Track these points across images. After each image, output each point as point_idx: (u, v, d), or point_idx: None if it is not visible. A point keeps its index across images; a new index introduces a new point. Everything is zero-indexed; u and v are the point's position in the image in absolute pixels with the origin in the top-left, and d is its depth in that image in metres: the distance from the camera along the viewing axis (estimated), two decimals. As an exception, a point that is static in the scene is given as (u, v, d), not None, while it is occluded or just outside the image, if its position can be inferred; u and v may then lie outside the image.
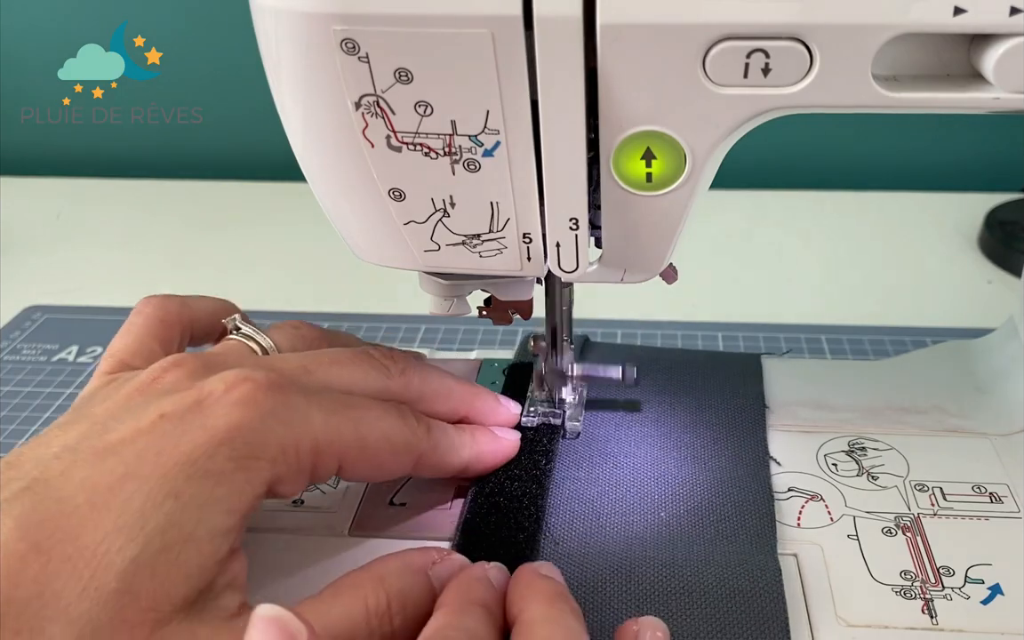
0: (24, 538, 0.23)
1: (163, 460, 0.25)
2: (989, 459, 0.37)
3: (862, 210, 0.69)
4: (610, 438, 0.38)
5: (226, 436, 0.26)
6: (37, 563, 0.23)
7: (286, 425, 0.27)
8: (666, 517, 0.34)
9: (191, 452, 0.25)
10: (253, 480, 0.26)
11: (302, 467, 0.28)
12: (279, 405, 0.27)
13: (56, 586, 0.23)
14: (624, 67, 0.25)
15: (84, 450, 0.26)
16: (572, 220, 0.29)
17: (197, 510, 0.25)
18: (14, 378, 0.49)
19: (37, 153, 0.81)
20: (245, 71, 0.44)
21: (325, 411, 0.29)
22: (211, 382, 0.27)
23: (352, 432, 0.29)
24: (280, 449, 0.27)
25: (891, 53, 0.25)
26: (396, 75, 0.26)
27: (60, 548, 0.23)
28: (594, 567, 0.31)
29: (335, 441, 0.29)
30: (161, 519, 0.24)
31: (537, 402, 0.39)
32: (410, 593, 0.28)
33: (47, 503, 0.24)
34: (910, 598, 0.30)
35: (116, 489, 0.24)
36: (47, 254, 0.66)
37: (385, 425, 0.31)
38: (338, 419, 0.29)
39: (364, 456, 0.30)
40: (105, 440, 0.26)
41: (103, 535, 0.24)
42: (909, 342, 0.50)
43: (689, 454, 0.37)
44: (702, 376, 0.42)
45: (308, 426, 0.28)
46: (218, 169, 0.80)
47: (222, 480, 0.25)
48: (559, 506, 0.34)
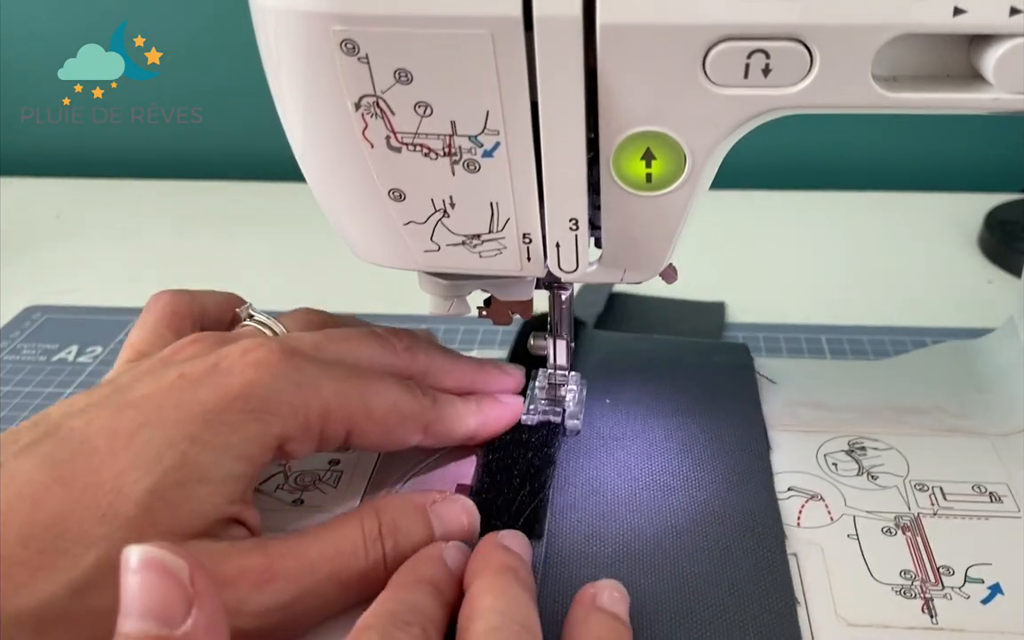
0: (48, 472, 0.25)
1: (181, 412, 0.27)
2: (989, 459, 0.37)
3: (862, 210, 0.69)
4: (610, 435, 0.38)
5: (240, 392, 0.28)
6: (60, 492, 0.25)
7: (297, 386, 0.29)
8: (671, 516, 0.34)
9: (207, 404, 0.28)
10: (264, 432, 0.28)
11: (311, 428, 0.30)
12: (291, 369, 0.30)
13: (77, 512, 0.25)
14: (624, 67, 0.25)
15: (107, 404, 0.28)
16: (572, 220, 0.29)
17: (211, 453, 0.27)
18: (14, 378, 0.49)
19: (37, 153, 0.81)
20: (245, 71, 0.43)
21: (335, 379, 0.31)
22: (228, 348, 0.30)
23: (360, 400, 0.32)
24: (291, 407, 0.29)
25: (891, 53, 0.25)
26: (396, 76, 0.26)
27: (81, 480, 0.25)
28: (595, 562, 0.32)
29: (343, 407, 0.31)
30: (177, 457, 0.26)
31: (537, 400, 0.39)
32: (403, 523, 0.30)
33: (71, 444, 0.26)
34: (910, 598, 0.30)
35: (135, 433, 0.27)
36: (47, 254, 0.66)
37: (392, 395, 0.33)
38: (347, 387, 0.31)
39: (372, 424, 0.32)
40: (127, 397, 0.28)
41: (121, 469, 0.26)
42: (909, 342, 0.50)
43: (691, 451, 0.37)
44: (697, 365, 0.43)
45: (318, 390, 0.30)
46: (218, 169, 0.79)
47: (235, 429, 0.28)
48: (560, 504, 0.35)
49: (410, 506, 0.31)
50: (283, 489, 0.36)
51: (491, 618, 0.26)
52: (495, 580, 0.28)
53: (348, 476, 0.37)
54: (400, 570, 0.29)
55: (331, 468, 0.37)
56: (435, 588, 0.28)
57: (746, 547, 0.32)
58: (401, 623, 0.26)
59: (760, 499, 0.34)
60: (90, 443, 0.26)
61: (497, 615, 0.26)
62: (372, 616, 0.26)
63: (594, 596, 0.28)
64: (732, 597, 0.30)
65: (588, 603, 0.28)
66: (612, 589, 0.28)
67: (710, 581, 0.30)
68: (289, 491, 0.36)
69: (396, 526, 0.30)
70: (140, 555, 0.19)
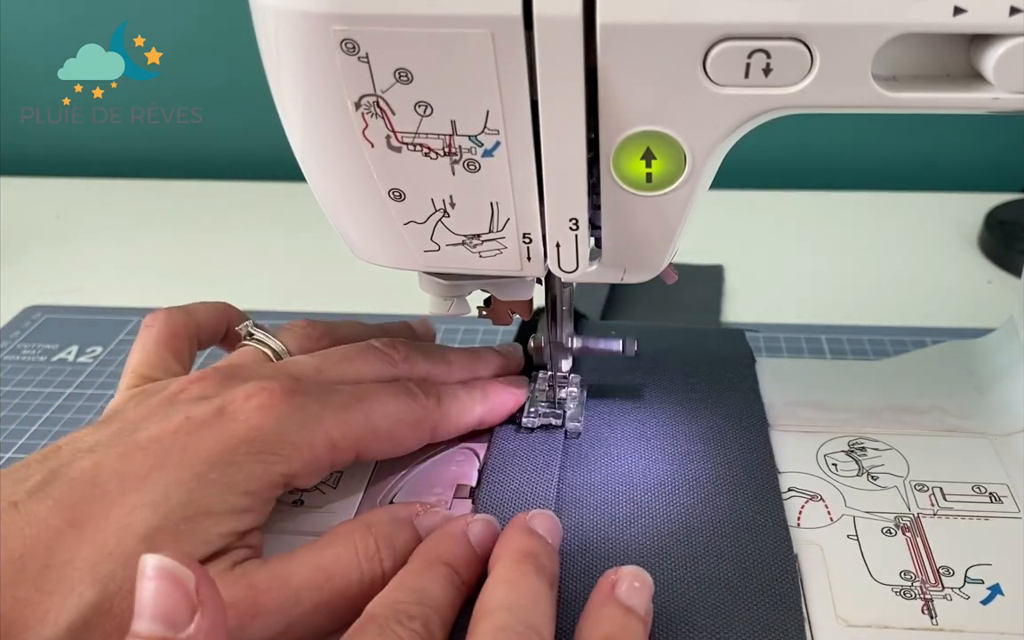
0: (61, 516, 0.26)
1: (188, 455, 0.28)
2: (989, 459, 0.37)
3: (862, 210, 0.69)
4: (611, 438, 0.38)
5: (245, 436, 0.29)
6: (71, 536, 0.26)
7: (300, 426, 0.30)
8: (676, 519, 0.34)
9: (214, 447, 0.28)
10: (269, 471, 0.29)
11: (319, 461, 0.31)
12: (294, 408, 0.30)
13: (84, 553, 0.26)
14: (624, 67, 0.25)
15: (116, 445, 0.28)
16: (572, 220, 0.29)
17: (218, 491, 0.28)
18: (14, 378, 0.49)
19: (37, 153, 0.81)
20: (245, 71, 0.44)
21: (337, 408, 0.32)
22: (233, 391, 0.30)
23: (364, 422, 0.32)
24: (294, 447, 0.30)
25: (891, 53, 0.25)
26: (396, 75, 0.26)
27: (92, 524, 0.26)
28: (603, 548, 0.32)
29: (349, 435, 0.32)
30: (184, 496, 0.27)
31: (538, 403, 0.39)
32: (397, 539, 0.30)
33: (82, 487, 0.27)
34: (910, 598, 0.30)
35: (145, 477, 0.27)
36: (47, 254, 0.66)
37: (394, 408, 0.34)
38: (349, 414, 0.32)
39: (379, 440, 0.33)
40: (135, 438, 0.29)
41: (130, 509, 0.27)
42: (909, 342, 0.50)
43: (694, 449, 0.37)
44: (697, 363, 0.43)
45: (321, 425, 0.31)
46: (218, 169, 0.79)
47: (241, 469, 0.29)
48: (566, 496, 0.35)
49: (397, 520, 0.31)
50: (283, 489, 0.36)
51: (500, 616, 0.26)
52: (513, 570, 0.28)
53: (348, 476, 0.37)
54: (422, 545, 0.30)
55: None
56: (451, 570, 0.28)
57: (753, 544, 0.32)
58: (404, 617, 0.26)
59: (765, 494, 0.34)
60: (101, 486, 0.27)
61: (506, 613, 0.26)
62: (378, 604, 0.27)
63: (613, 584, 0.28)
64: (739, 594, 0.30)
65: (606, 592, 0.28)
66: (633, 577, 0.28)
67: (716, 581, 0.30)
68: (289, 491, 0.36)
69: (393, 545, 0.30)
70: (154, 563, 0.21)
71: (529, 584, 0.27)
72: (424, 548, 0.30)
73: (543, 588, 0.27)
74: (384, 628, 0.25)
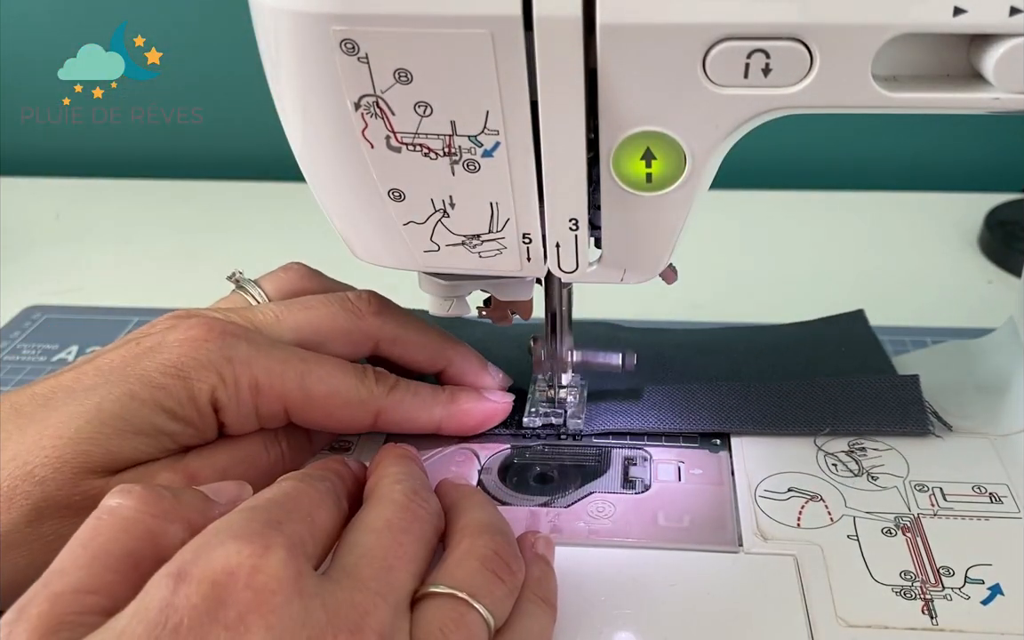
0: (15, 422, 0.30)
1: (127, 372, 0.31)
2: (989, 459, 0.37)
3: (862, 210, 0.69)
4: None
5: (175, 361, 0.32)
6: (16, 434, 0.30)
7: (227, 360, 0.32)
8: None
9: (148, 368, 0.32)
10: (193, 392, 0.31)
11: (243, 400, 0.32)
12: (224, 345, 0.32)
13: (26, 456, 0.29)
14: (624, 67, 0.25)
15: (77, 368, 0.32)
16: (572, 220, 0.29)
17: (147, 409, 0.31)
18: (14, 378, 0.49)
19: (37, 153, 0.81)
20: (245, 71, 0.43)
21: (271, 359, 0.33)
22: (175, 327, 0.33)
23: (296, 381, 0.33)
24: (218, 376, 0.32)
25: (891, 53, 0.25)
26: (396, 75, 0.26)
27: (34, 427, 0.30)
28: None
29: (276, 386, 0.33)
30: (116, 408, 0.30)
31: (538, 402, 0.39)
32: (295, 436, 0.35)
33: (29, 393, 0.31)
34: (910, 598, 0.30)
35: (89, 387, 0.31)
36: (47, 254, 0.66)
37: (336, 380, 0.34)
38: (283, 368, 0.33)
39: (311, 405, 0.34)
40: (93, 362, 0.32)
41: (67, 416, 0.30)
42: (909, 342, 0.49)
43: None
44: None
45: (248, 366, 0.32)
46: (218, 169, 0.79)
47: (170, 393, 0.31)
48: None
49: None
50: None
51: (394, 473, 0.30)
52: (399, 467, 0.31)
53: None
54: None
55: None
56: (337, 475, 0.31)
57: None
58: (315, 479, 0.28)
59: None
60: (49, 394, 0.31)
61: (401, 473, 0.30)
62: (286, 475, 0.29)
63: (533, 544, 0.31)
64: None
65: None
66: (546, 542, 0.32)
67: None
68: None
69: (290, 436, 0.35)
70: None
71: (409, 469, 0.31)
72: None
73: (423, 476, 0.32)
74: (301, 477, 0.28)
